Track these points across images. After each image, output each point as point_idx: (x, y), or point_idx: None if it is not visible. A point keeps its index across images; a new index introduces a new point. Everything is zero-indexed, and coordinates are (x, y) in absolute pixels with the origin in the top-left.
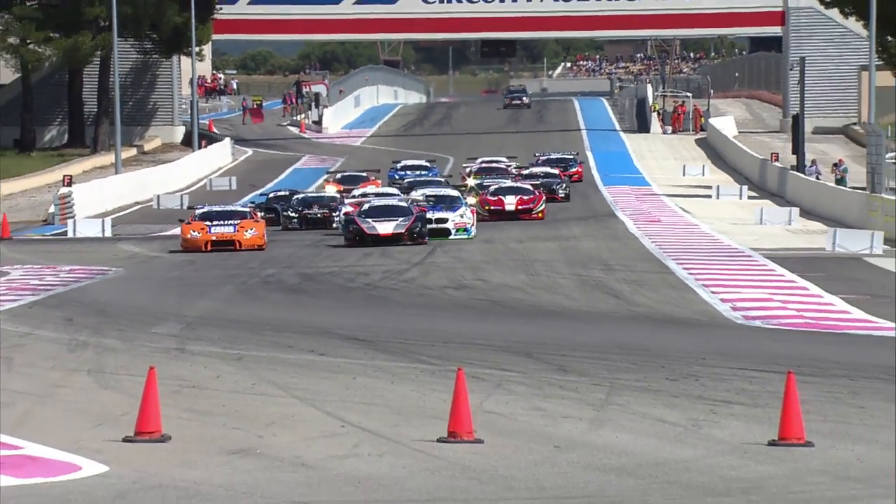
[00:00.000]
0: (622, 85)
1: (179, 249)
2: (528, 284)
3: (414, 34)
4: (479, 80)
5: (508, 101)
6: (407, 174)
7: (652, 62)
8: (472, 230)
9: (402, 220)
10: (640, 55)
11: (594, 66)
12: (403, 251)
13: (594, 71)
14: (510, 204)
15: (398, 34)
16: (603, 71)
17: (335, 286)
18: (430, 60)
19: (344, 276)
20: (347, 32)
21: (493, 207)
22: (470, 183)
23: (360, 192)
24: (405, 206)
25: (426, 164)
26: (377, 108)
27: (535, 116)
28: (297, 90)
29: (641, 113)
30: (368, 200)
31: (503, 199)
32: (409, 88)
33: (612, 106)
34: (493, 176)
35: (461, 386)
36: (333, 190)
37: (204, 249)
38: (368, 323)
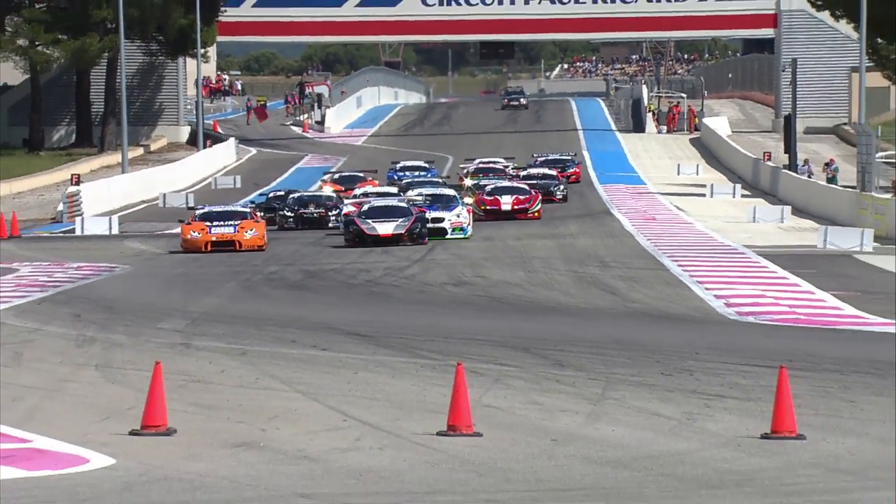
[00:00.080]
0: (618, 86)
1: (179, 250)
2: (526, 281)
3: (414, 36)
4: (478, 80)
5: (506, 102)
6: (405, 175)
7: (647, 63)
8: (468, 230)
9: (401, 220)
10: (635, 57)
11: (590, 67)
12: (404, 249)
13: (590, 72)
14: (506, 204)
15: (399, 36)
16: (599, 72)
17: (337, 283)
18: (430, 62)
19: (346, 272)
20: (349, 34)
21: (489, 207)
22: (467, 183)
23: (360, 191)
24: (405, 206)
25: (425, 164)
26: (378, 108)
27: (532, 117)
28: (300, 91)
29: (637, 113)
30: (369, 201)
31: (499, 198)
32: (409, 89)
33: (608, 106)
34: (490, 177)
35: (460, 380)
36: (330, 190)
37: (204, 250)
38: (370, 319)
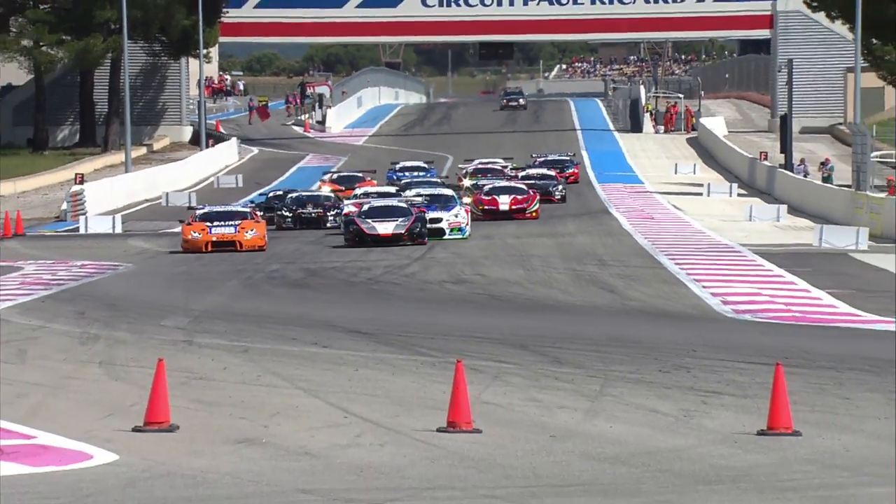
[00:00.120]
0: (616, 86)
1: (180, 250)
2: (525, 279)
3: (414, 37)
4: (477, 81)
5: (505, 102)
6: (405, 175)
7: (645, 64)
8: (466, 230)
9: (401, 220)
10: (633, 57)
11: (589, 67)
12: (404, 247)
13: (589, 72)
14: (504, 203)
15: (399, 37)
16: (597, 72)
17: (338, 281)
18: (430, 62)
19: (346, 271)
20: (350, 35)
21: (487, 207)
22: (466, 183)
23: (361, 191)
24: (405, 206)
25: (424, 165)
26: (379, 108)
27: (531, 116)
28: (301, 91)
29: (634, 113)
30: (369, 201)
31: (497, 198)
32: (409, 89)
33: (606, 106)
34: (489, 177)
35: (460, 377)
36: (328, 190)
37: (205, 250)
38: (370, 316)
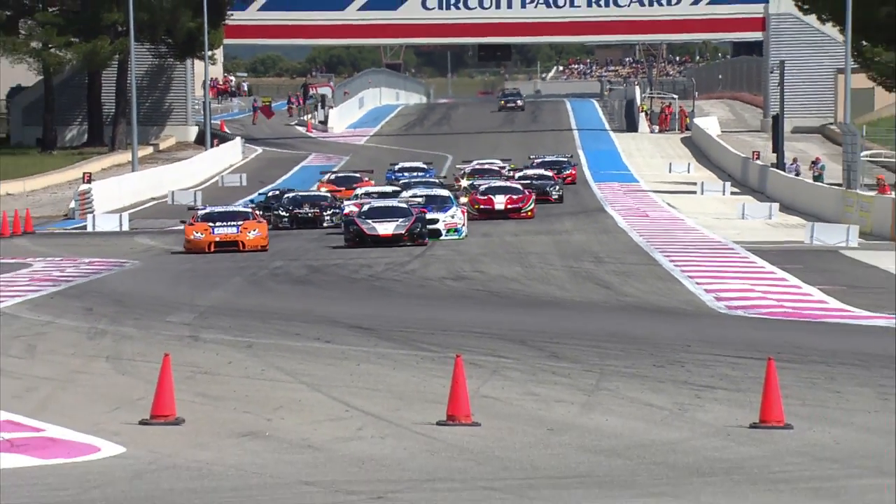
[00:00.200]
0: (612, 87)
1: (182, 251)
2: (523, 276)
3: (415, 39)
4: (476, 82)
5: (503, 103)
6: (403, 175)
7: (640, 65)
8: (462, 230)
9: (402, 221)
10: (628, 59)
11: (585, 69)
12: (404, 245)
13: (585, 74)
14: (500, 203)
15: (400, 39)
16: (593, 74)
17: (340, 277)
18: (430, 64)
19: (348, 267)
20: (352, 37)
21: (482, 206)
22: (463, 184)
23: (362, 191)
24: (405, 207)
25: (423, 165)
26: (380, 108)
27: (529, 117)
28: (304, 92)
29: (630, 113)
30: (369, 201)
31: (493, 198)
32: (409, 90)
33: (602, 107)
34: (486, 178)
35: (459, 372)
36: (326, 191)
37: (207, 251)
38: (372, 312)
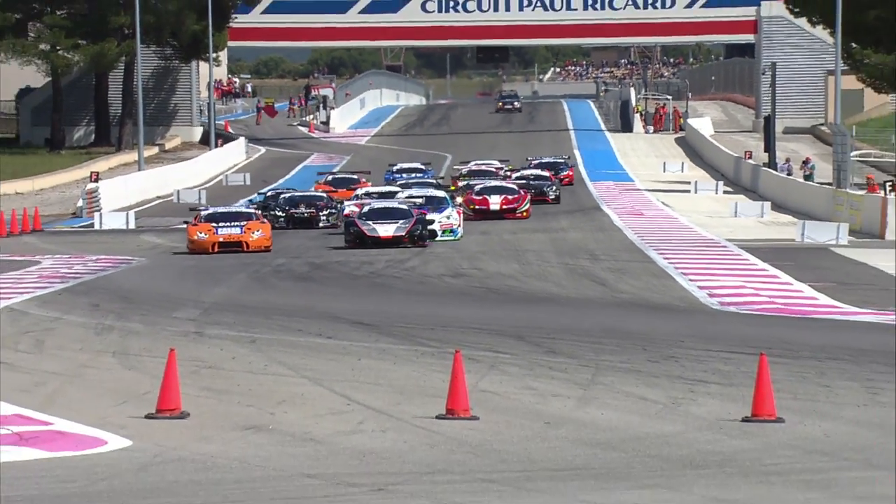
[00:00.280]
0: (607, 88)
1: (186, 251)
2: (520, 273)
3: (415, 41)
4: (474, 83)
5: (501, 105)
6: (402, 176)
7: (635, 67)
8: (458, 231)
9: (402, 222)
10: (623, 61)
11: (581, 70)
12: None
13: (581, 75)
14: (495, 203)
15: (400, 41)
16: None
17: (342, 274)
18: (429, 65)
19: (350, 265)
20: (353, 40)
21: (478, 207)
22: (460, 185)
23: (363, 191)
24: (406, 208)
25: (421, 166)
26: (380, 109)
27: (526, 117)
28: (306, 93)
29: (625, 114)
30: (370, 202)
31: (488, 198)
32: (409, 91)
33: (597, 107)
34: (483, 178)
35: (458, 367)
36: (325, 194)
37: (211, 251)
38: (373, 308)
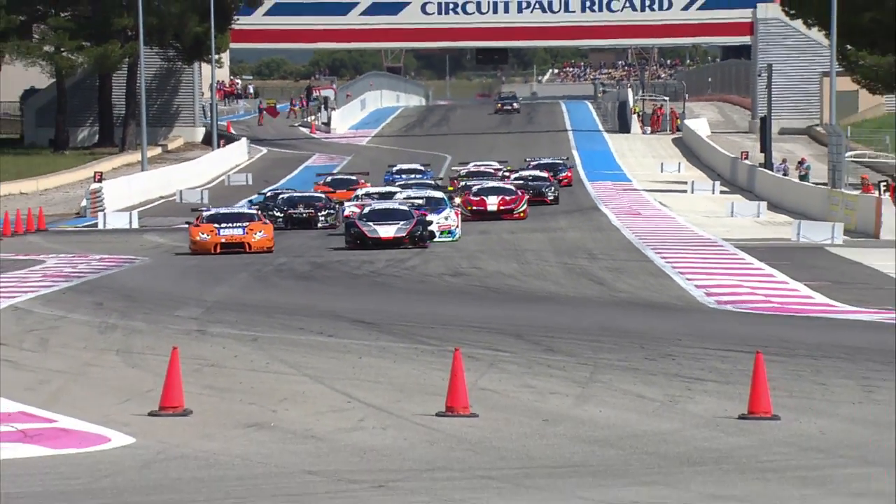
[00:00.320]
0: (605, 89)
1: (188, 252)
2: (519, 272)
3: (415, 43)
4: (473, 84)
5: (499, 106)
6: (401, 177)
7: (632, 68)
8: (456, 232)
9: (403, 223)
10: (621, 62)
11: (580, 72)
12: None
13: (580, 76)
14: (492, 204)
15: (400, 43)
16: (588, 76)
17: (342, 273)
18: (429, 67)
19: (350, 264)
20: (354, 41)
21: (475, 207)
22: (459, 186)
23: (362, 192)
24: (406, 209)
25: (420, 167)
26: (381, 110)
27: (525, 118)
28: (307, 94)
29: (623, 115)
30: (371, 203)
31: (485, 199)
32: (409, 92)
33: (595, 108)
34: (481, 179)
35: (458, 365)
36: (323, 195)
37: (213, 252)
38: (373, 307)
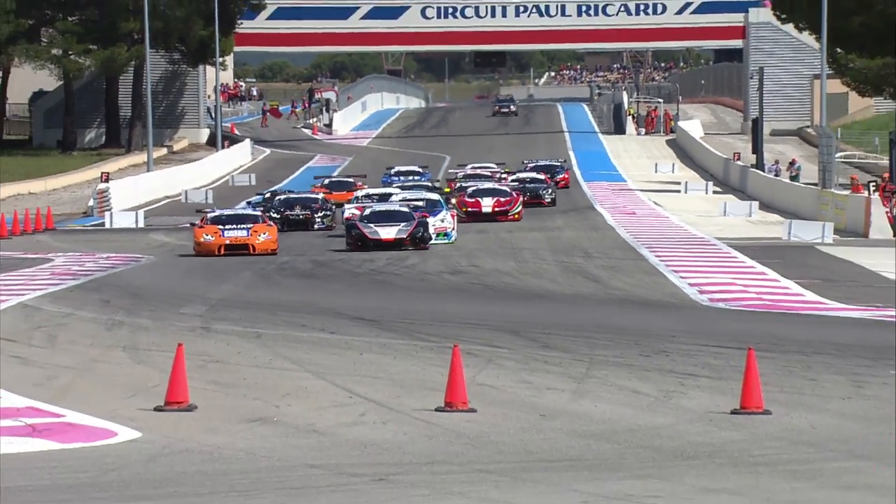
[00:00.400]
0: (601, 91)
1: (192, 253)
2: (516, 270)
3: (415, 46)
4: (472, 87)
5: (497, 109)
6: (399, 179)
7: (627, 71)
8: (452, 234)
9: (404, 225)
10: (616, 65)
11: (576, 74)
12: None
13: (576, 79)
14: (487, 206)
15: (401, 46)
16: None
17: (344, 271)
18: (428, 69)
19: (352, 262)
20: (355, 45)
21: (470, 209)
22: (455, 187)
23: (362, 193)
24: (407, 211)
25: (418, 169)
26: (381, 112)
27: (522, 120)
28: (309, 96)
29: (618, 116)
30: (371, 205)
31: (480, 200)
32: (409, 94)
33: (591, 110)
34: (477, 180)
35: (457, 361)
36: (320, 196)
37: (217, 253)
38: (374, 305)
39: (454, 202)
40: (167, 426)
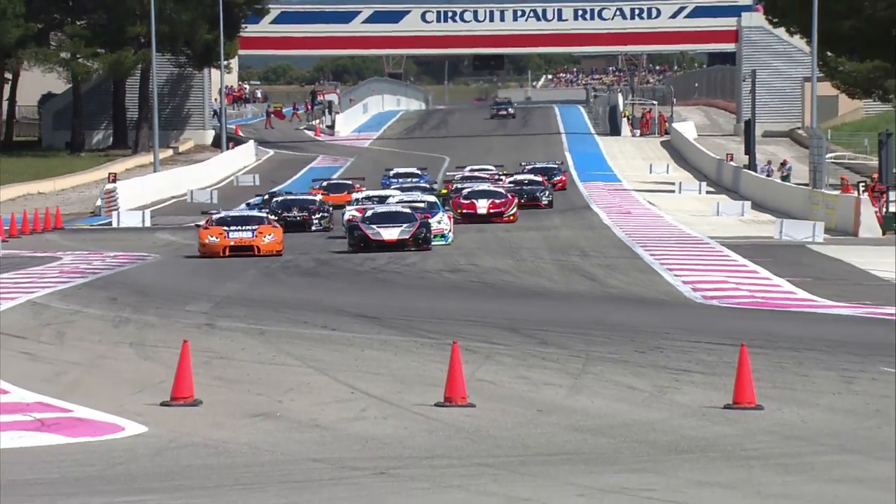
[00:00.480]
0: (597, 94)
1: (197, 255)
2: (514, 268)
3: (415, 50)
4: (471, 89)
5: (495, 111)
6: (397, 181)
7: (622, 74)
8: (449, 236)
9: (406, 226)
10: (612, 68)
11: (572, 77)
12: None
13: (572, 82)
14: (482, 207)
15: (401, 50)
16: (580, 82)
17: (346, 270)
18: (428, 72)
19: (353, 261)
20: (357, 48)
21: (465, 210)
22: (451, 189)
23: (362, 195)
24: (409, 212)
25: (417, 171)
26: (382, 114)
27: (520, 121)
28: (312, 98)
29: (613, 118)
30: (372, 207)
31: (475, 202)
32: (410, 97)
33: (587, 112)
34: (473, 182)
35: (456, 357)
36: (318, 198)
37: (222, 255)
38: (375, 302)
39: (450, 204)
40: (173, 421)
